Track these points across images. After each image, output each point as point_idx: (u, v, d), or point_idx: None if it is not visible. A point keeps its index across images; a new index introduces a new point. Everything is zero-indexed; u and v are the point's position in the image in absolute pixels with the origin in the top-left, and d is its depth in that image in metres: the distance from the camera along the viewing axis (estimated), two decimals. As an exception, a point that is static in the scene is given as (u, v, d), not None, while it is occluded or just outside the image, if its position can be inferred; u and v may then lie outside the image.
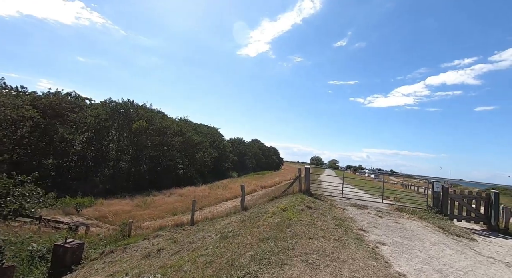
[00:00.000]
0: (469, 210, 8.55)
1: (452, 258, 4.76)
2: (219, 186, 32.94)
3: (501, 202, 8.48)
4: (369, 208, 9.01)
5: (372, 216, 7.59)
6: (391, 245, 4.98)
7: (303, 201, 8.33)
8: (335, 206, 8.45)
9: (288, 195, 10.03)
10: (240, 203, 10.47)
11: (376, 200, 10.56)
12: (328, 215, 6.94)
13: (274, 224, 5.67)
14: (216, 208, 18.98)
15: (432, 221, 7.65)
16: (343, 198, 10.30)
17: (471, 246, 5.95)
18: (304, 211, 6.98)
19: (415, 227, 6.84)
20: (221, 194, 26.13)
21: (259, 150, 79.48)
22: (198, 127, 47.77)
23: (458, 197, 8.70)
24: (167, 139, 33.50)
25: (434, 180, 9.03)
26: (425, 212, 8.60)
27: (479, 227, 8.47)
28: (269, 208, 8.12)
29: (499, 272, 4.49)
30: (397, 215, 8.28)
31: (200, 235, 7.08)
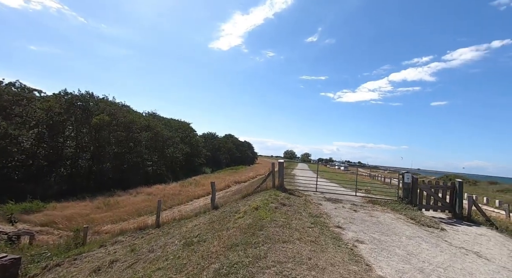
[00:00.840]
0: (436, 199, 8.77)
1: (429, 253, 4.57)
2: (191, 183, 31.65)
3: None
4: (343, 201, 8.84)
5: (347, 211, 7.37)
6: (369, 243, 4.67)
7: (277, 197, 7.86)
8: (310, 201, 8.12)
9: (261, 191, 9.52)
10: (211, 202, 9.76)
11: (350, 193, 10.51)
12: (303, 212, 6.54)
13: (245, 226, 5.08)
14: (186, 207, 17.99)
15: (404, 213, 7.66)
16: (317, 192, 10.07)
17: (442, 237, 5.94)
18: (278, 209, 6.49)
19: (390, 220, 6.72)
20: (193, 191, 25.02)
21: (233, 145, 78.48)
22: (168, 122, 45.41)
23: (427, 187, 8.88)
24: (133, 135, 31.19)
25: (404, 171, 9.12)
26: (396, 203, 8.64)
27: (445, 215, 8.74)
28: (241, 206, 7.52)
29: (474, 264, 4.39)
30: (370, 207, 8.19)
31: (163, 241, 6.27)
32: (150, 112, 45.31)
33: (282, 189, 9.43)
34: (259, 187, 9.82)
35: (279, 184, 9.58)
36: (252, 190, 9.93)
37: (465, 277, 3.77)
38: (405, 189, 8.92)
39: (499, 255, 5.29)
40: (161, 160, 36.74)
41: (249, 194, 9.58)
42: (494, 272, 4.17)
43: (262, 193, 9.08)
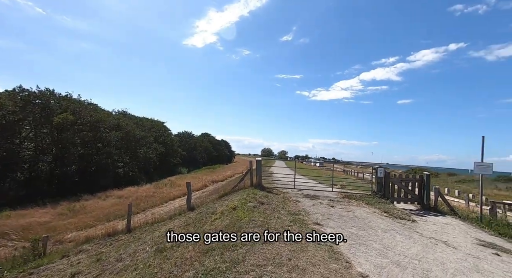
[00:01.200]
0: (406, 192, 9.19)
1: (404, 245, 4.69)
2: (166, 184, 30.46)
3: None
4: (321, 197, 8.93)
5: (325, 207, 7.42)
6: (348, 239, 4.67)
7: (255, 196, 7.69)
8: (288, 198, 8.06)
9: (239, 190, 9.29)
10: (186, 203, 9.34)
11: (326, 189, 10.67)
12: (282, 210, 6.43)
13: (222, 228, 4.83)
14: (161, 209, 17.20)
15: (378, 206, 7.89)
16: (295, 189, 10.09)
17: (414, 229, 6.18)
18: (256, 208, 6.32)
19: (365, 214, 6.87)
20: (168, 192, 24.07)
21: (209, 144, 77.16)
22: (140, 121, 43.23)
23: (398, 181, 9.27)
24: (101, 135, 29.19)
25: (377, 166, 9.43)
26: (370, 197, 8.91)
27: (414, 207, 9.19)
28: (218, 207, 7.24)
29: (444, 253, 4.57)
30: (346, 202, 8.34)
31: (133, 247, 5.80)
32: (120, 111, 42.82)
33: (260, 187, 9.29)
34: (237, 186, 9.59)
35: (257, 182, 9.43)
36: (229, 189, 9.66)
37: (437, 266, 3.88)
38: (378, 183, 9.24)
39: (464, 242, 5.61)
40: (133, 161, 34.89)
41: (227, 193, 9.31)
42: (461, 260, 4.36)
43: (240, 192, 8.86)
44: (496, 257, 4.86)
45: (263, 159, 14.54)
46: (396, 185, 9.24)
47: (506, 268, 4.31)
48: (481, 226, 7.59)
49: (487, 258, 4.68)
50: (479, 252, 5.00)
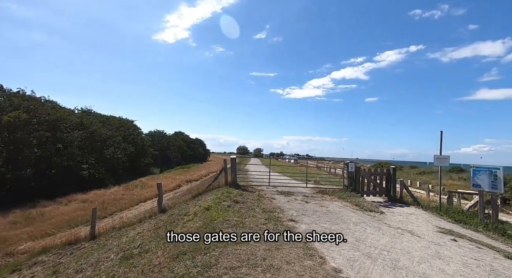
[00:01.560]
0: (375, 185, 9.65)
1: (374, 237, 4.85)
2: (136, 185, 28.98)
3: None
4: (295, 193, 9.02)
5: (299, 203, 7.49)
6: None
7: (230, 195, 7.53)
8: (263, 196, 8.02)
9: (213, 189, 9.05)
10: (157, 204, 8.88)
11: (301, 185, 10.83)
12: (257, 208, 6.35)
13: (194, 230, 4.61)
14: (131, 212, 16.27)
15: (350, 200, 8.17)
16: (270, 186, 10.09)
17: (382, 220, 6.47)
18: (231, 207, 6.17)
19: (338, 208, 7.05)
20: (139, 194, 22.89)
21: (183, 143, 75.06)
22: (107, 120, 40.49)
23: (367, 174, 9.69)
24: (61, 134, 26.82)
25: (348, 161, 9.77)
26: (342, 192, 9.20)
27: (382, 199, 9.68)
28: (191, 207, 6.96)
29: (410, 243, 4.81)
30: (320, 197, 8.52)
31: (96, 256, 5.33)
32: (84, 109, 39.70)
33: (235, 185, 9.14)
34: (211, 185, 9.34)
35: (232, 180, 9.26)
36: (203, 189, 9.38)
37: (404, 256, 4.06)
38: (349, 177, 9.58)
39: (426, 231, 6.00)
40: (99, 162, 32.65)
41: (200, 193, 9.02)
42: (425, 247, 4.63)
43: (214, 191, 8.63)
44: (454, 243, 5.25)
45: (238, 157, 14.36)
46: (365, 178, 9.65)
47: (463, 252, 4.66)
48: (440, 214, 8.21)
49: (447, 244, 5.02)
50: (439, 239, 5.36)
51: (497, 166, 7.96)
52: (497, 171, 7.77)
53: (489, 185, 7.86)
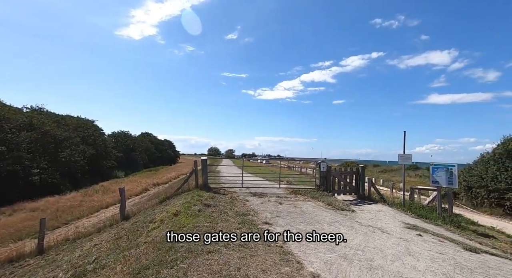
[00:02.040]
0: (345, 184, 9.91)
1: (348, 237, 4.84)
2: (97, 190, 26.64)
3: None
4: (269, 194, 8.87)
5: (273, 204, 7.33)
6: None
7: (201, 198, 7.11)
8: (236, 198, 7.72)
9: (183, 192, 8.52)
10: (120, 211, 8.12)
11: (274, 185, 10.72)
12: (230, 211, 6.04)
13: (160, 240, 4.16)
14: (90, 220, 14.81)
15: (322, 199, 8.23)
16: (243, 188, 9.82)
17: (354, 218, 6.57)
18: (201, 211, 5.77)
19: (311, 208, 7.02)
20: (100, 200, 21.01)
21: (151, 144, 71.44)
22: (62, 119, 36.71)
23: (338, 174, 9.91)
24: (5, 136, 23.66)
25: (320, 161, 9.91)
26: (315, 191, 9.28)
27: (352, 197, 9.97)
28: (158, 213, 6.41)
29: (381, 240, 4.89)
30: (293, 198, 8.47)
31: (40, 275, 4.58)
32: (34, 107, 35.55)
33: (206, 188, 8.71)
34: (181, 188, 8.79)
35: (203, 183, 8.82)
36: (172, 193, 8.79)
37: (378, 254, 4.07)
38: (321, 177, 9.70)
39: (394, 227, 6.21)
40: (53, 166, 29.48)
41: (169, 197, 8.43)
42: (395, 244, 4.73)
43: (183, 194, 8.12)
44: (420, 238, 5.48)
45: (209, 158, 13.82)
46: (336, 178, 9.87)
47: (429, 247, 4.86)
48: (404, 210, 8.66)
49: (414, 240, 5.21)
50: (407, 235, 5.57)
51: (452, 164, 8.62)
52: (452, 168, 8.41)
53: (446, 181, 8.47)
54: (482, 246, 6.06)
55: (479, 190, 14.06)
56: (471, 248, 5.15)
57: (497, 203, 13.22)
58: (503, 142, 13.94)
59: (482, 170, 14.22)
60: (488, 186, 13.42)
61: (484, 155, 15.18)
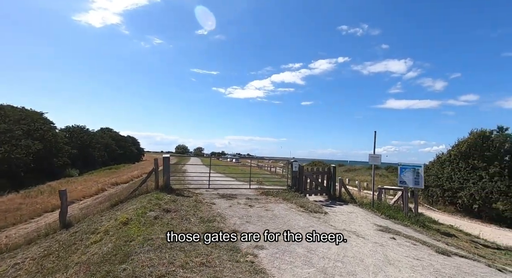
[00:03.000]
0: (317, 184, 9.65)
1: (324, 245, 4.40)
2: (43, 191, 23.42)
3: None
4: (238, 196, 8.20)
5: (243, 207, 6.68)
6: (270, 247, 3.98)
7: (160, 201, 6.18)
8: (201, 201, 6.91)
9: (140, 195, 7.46)
10: (59, 217, 6.82)
11: (244, 186, 10.08)
12: (193, 217, 5.26)
13: (98, 259, 3.25)
14: (25, 228, 12.67)
15: (294, 201, 7.80)
16: (211, 189, 9.02)
17: (328, 222, 6.22)
18: (158, 218, 4.90)
19: (284, 212, 6.52)
20: (45, 202, 18.36)
21: (111, 140, 66.14)
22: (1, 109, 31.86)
23: (310, 174, 9.61)
24: None
25: (292, 160, 9.51)
26: (286, 192, 8.84)
27: (323, 197, 9.76)
28: (105, 221, 5.36)
29: (359, 247, 4.54)
30: (264, 199, 7.92)
31: None
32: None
33: (168, 189, 7.75)
34: (138, 190, 7.70)
35: (164, 183, 7.84)
36: (127, 195, 7.66)
37: (359, 266, 3.66)
38: (293, 177, 9.31)
39: (368, 230, 5.99)
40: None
41: (122, 200, 7.31)
42: (373, 251, 4.40)
43: (140, 197, 7.08)
44: (394, 242, 5.29)
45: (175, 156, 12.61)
46: (308, 178, 9.57)
47: (405, 252, 4.63)
48: (374, 210, 8.65)
49: (389, 245, 4.97)
50: (381, 239, 5.33)
51: (419, 164, 8.81)
52: (419, 168, 8.58)
53: (413, 182, 8.62)
54: (449, 247, 6.12)
55: (435, 189, 15.04)
56: (443, 251, 5.07)
57: (450, 201, 14.24)
58: (457, 143, 15.10)
59: (438, 170, 15.24)
60: (443, 185, 14.40)
61: (439, 156, 16.32)
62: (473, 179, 12.95)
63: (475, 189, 12.63)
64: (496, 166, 12.27)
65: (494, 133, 13.79)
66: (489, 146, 13.06)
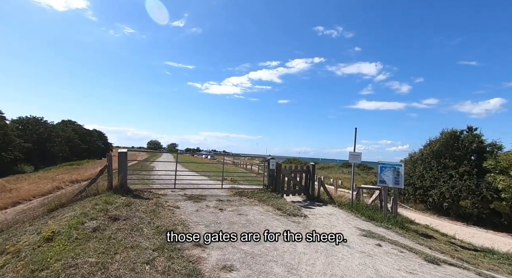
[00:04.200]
0: (295, 183, 9.00)
1: (308, 259, 3.65)
2: (-16, 190, 20.36)
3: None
4: (208, 197, 7.25)
5: (212, 211, 5.76)
6: (241, 267, 3.13)
7: (108, 206, 5.05)
8: (162, 204, 5.86)
9: (88, 196, 6.20)
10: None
11: (216, 185, 9.13)
12: (148, 227, 4.23)
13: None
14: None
15: (271, 203, 7.04)
16: (177, 189, 7.94)
17: (308, 227, 5.54)
18: (99, 231, 3.81)
19: (259, 216, 5.72)
20: (-18, 204, 15.80)
21: (74, 134, 60.89)
22: None
23: (288, 172, 8.93)
24: None
25: (269, 158, 8.75)
26: (262, 192, 8.08)
27: (301, 198, 9.15)
28: (26, 235, 4.12)
29: (346, 260, 3.87)
30: (238, 201, 7.06)
31: None
32: None
33: (125, 190, 6.57)
34: (84, 191, 6.41)
35: (120, 183, 6.64)
36: (71, 197, 6.33)
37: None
38: (270, 175, 8.55)
39: (351, 235, 5.40)
40: None
41: (64, 203, 5.99)
42: (362, 264, 3.77)
43: (87, 200, 5.84)
44: (380, 249, 4.73)
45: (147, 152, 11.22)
46: (286, 177, 8.88)
47: (394, 263, 4.07)
48: (353, 211, 8.20)
49: (377, 254, 4.39)
50: (367, 246, 4.76)
51: (399, 163, 8.51)
52: (399, 167, 8.26)
53: (392, 181, 8.28)
54: (434, 252, 5.76)
55: (407, 187, 15.30)
56: (432, 260, 4.60)
57: (421, 200, 14.54)
58: (429, 143, 15.48)
59: (410, 169, 15.51)
60: (415, 183, 14.66)
61: (412, 155, 16.69)
62: (443, 178, 13.33)
63: (446, 187, 12.98)
64: (466, 165, 12.72)
65: (463, 134, 14.31)
66: (459, 146, 13.54)
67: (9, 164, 36.68)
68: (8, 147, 34.76)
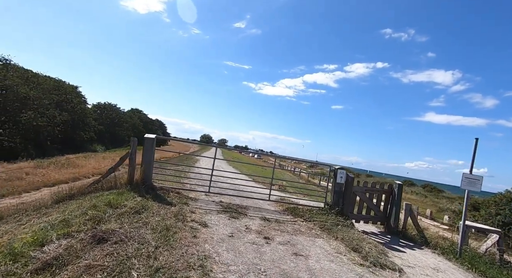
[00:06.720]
0: (370, 207, 6.42)
1: None
2: (57, 163, 22.77)
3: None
4: (250, 211, 5.32)
5: (253, 240, 3.78)
6: None
7: (111, 210, 3.51)
8: (185, 217, 4.12)
9: (101, 190, 4.92)
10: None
11: (261, 192, 7.14)
12: (141, 268, 2.46)
13: None
14: (11, 202, 11.08)
15: (340, 235, 4.69)
16: (211, 193, 6.22)
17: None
18: (48, 269, 2.17)
19: (327, 262, 3.48)
20: (47, 175, 17.21)
21: (140, 121, 67.16)
22: (34, 77, 32.23)
23: (362, 190, 6.40)
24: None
25: (338, 167, 6.34)
26: (324, 214, 5.76)
27: (375, 228, 6.54)
28: None
29: None
30: (291, 225, 4.93)
31: None
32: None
33: (146, 187, 5.12)
34: (100, 183, 5.17)
35: (142, 177, 5.22)
36: (85, 188, 5.15)
37: None
38: (336, 191, 6.16)
39: None
40: (13, 128, 25.41)
41: (73, 195, 4.80)
42: None
43: (93, 195, 4.51)
44: None
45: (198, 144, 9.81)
46: (358, 196, 6.38)
47: None
48: (466, 265, 5.25)
49: None
50: None
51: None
52: None
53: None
54: None
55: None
56: None
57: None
58: None
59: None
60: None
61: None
62: None
63: None
64: None
65: None
66: None
67: (85, 143, 41.77)
68: (85, 127, 39.48)
